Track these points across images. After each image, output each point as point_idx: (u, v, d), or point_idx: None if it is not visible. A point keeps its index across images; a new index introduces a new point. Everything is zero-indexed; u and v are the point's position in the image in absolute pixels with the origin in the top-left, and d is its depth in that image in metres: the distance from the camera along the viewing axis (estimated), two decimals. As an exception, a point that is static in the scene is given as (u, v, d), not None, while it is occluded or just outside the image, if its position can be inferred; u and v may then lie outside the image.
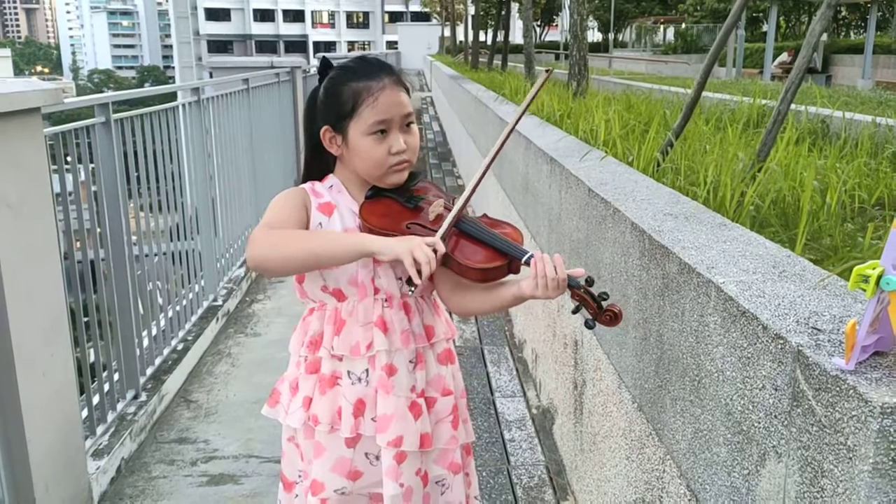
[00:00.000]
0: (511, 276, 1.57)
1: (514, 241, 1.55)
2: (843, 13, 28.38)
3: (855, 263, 1.17)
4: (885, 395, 0.99)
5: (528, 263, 1.50)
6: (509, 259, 1.53)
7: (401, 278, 1.61)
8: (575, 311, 1.51)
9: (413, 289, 1.46)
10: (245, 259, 5.36)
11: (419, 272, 1.41)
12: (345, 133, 1.58)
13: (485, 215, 1.66)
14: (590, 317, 1.48)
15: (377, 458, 1.66)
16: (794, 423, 1.16)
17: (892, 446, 0.97)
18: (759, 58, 21.31)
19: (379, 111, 1.55)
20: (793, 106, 2.86)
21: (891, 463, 0.98)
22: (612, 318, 1.47)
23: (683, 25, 33.12)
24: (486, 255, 1.54)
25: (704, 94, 3.24)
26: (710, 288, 1.48)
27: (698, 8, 33.28)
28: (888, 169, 2.72)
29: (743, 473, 1.34)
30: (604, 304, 1.47)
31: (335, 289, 1.62)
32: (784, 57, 20.13)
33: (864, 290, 1.04)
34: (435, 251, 1.44)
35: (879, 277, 1.02)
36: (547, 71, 1.68)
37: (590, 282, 1.49)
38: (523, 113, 1.65)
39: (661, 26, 36.43)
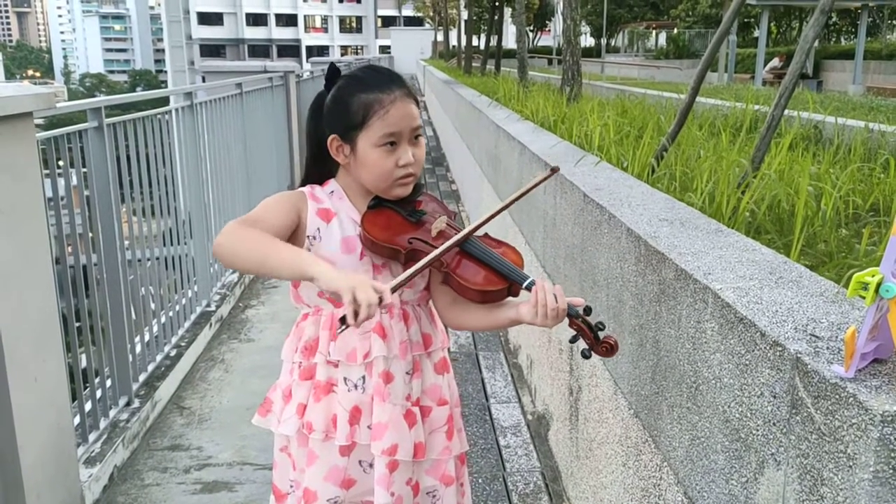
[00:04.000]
0: (510, 298, 1.57)
1: (515, 264, 1.55)
2: (834, 19, 28.56)
3: (854, 270, 1.17)
4: (886, 403, 0.98)
5: (528, 288, 1.50)
6: (510, 283, 1.53)
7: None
8: (573, 341, 1.51)
9: (344, 327, 1.33)
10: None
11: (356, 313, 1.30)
12: (353, 144, 1.57)
13: (486, 235, 1.65)
14: (586, 347, 1.49)
15: (371, 465, 1.64)
16: (792, 431, 1.16)
17: (892, 454, 0.97)
18: (751, 63, 21.40)
19: (390, 124, 1.54)
20: (785, 111, 2.86)
21: (891, 471, 0.98)
22: (609, 349, 1.47)
23: (675, 30, 33.26)
24: (486, 277, 1.54)
25: (697, 99, 3.25)
26: (707, 294, 1.47)
27: (690, 13, 33.44)
28: (882, 174, 2.72)
29: (741, 481, 1.33)
30: (600, 334, 1.48)
31: (332, 294, 1.61)
32: (775, 62, 20.24)
33: (864, 298, 1.03)
34: (380, 300, 1.33)
35: (879, 285, 1.02)
36: (553, 170, 1.71)
37: (588, 311, 1.49)
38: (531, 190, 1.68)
39: (654, 31, 36.59)
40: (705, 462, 1.48)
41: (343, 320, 1.32)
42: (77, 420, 2.83)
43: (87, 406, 2.95)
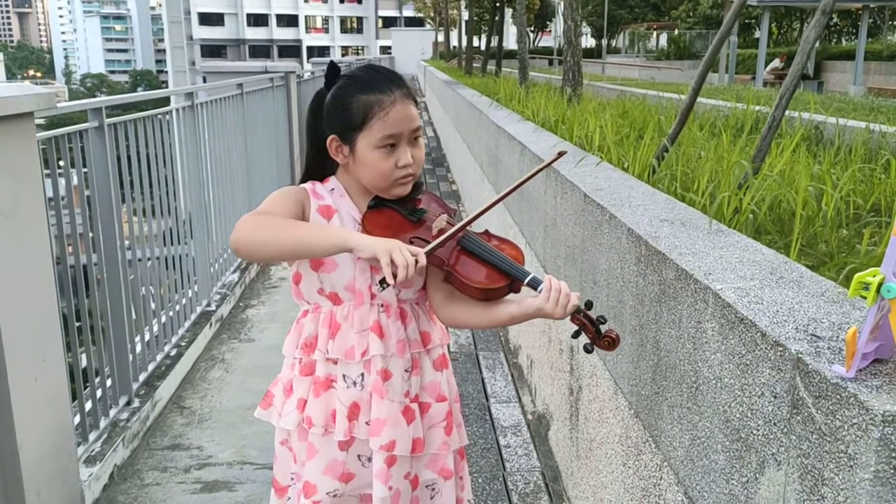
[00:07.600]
0: (511, 295, 1.57)
1: (516, 260, 1.55)
2: (835, 20, 28.56)
3: (854, 269, 1.17)
4: (886, 403, 0.98)
5: (530, 284, 1.50)
6: (511, 280, 1.53)
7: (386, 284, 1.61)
8: (575, 336, 1.52)
9: (384, 287, 1.44)
10: (238, 263, 5.36)
11: (395, 275, 1.39)
12: (353, 144, 1.58)
13: (486, 232, 1.65)
14: (588, 341, 1.50)
15: (369, 459, 1.66)
16: (793, 431, 1.16)
17: (893, 454, 0.97)
18: (752, 64, 21.40)
19: (389, 125, 1.55)
20: (786, 112, 2.86)
21: (892, 471, 0.98)
22: (610, 343, 1.49)
23: (676, 31, 33.26)
24: (488, 274, 1.54)
25: (698, 99, 3.24)
26: (707, 294, 1.47)
27: (691, 14, 33.47)
28: (883, 175, 2.72)
29: (742, 481, 1.33)
30: (602, 328, 1.49)
31: (331, 292, 1.61)
32: (776, 63, 20.23)
33: (865, 298, 1.03)
34: (416, 261, 1.42)
35: (880, 285, 1.02)
36: (559, 154, 1.73)
37: (589, 306, 1.50)
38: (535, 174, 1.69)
39: (654, 32, 36.57)
40: (706, 462, 1.48)
41: (383, 282, 1.41)
42: (77, 419, 2.83)
43: (88, 405, 2.95)
